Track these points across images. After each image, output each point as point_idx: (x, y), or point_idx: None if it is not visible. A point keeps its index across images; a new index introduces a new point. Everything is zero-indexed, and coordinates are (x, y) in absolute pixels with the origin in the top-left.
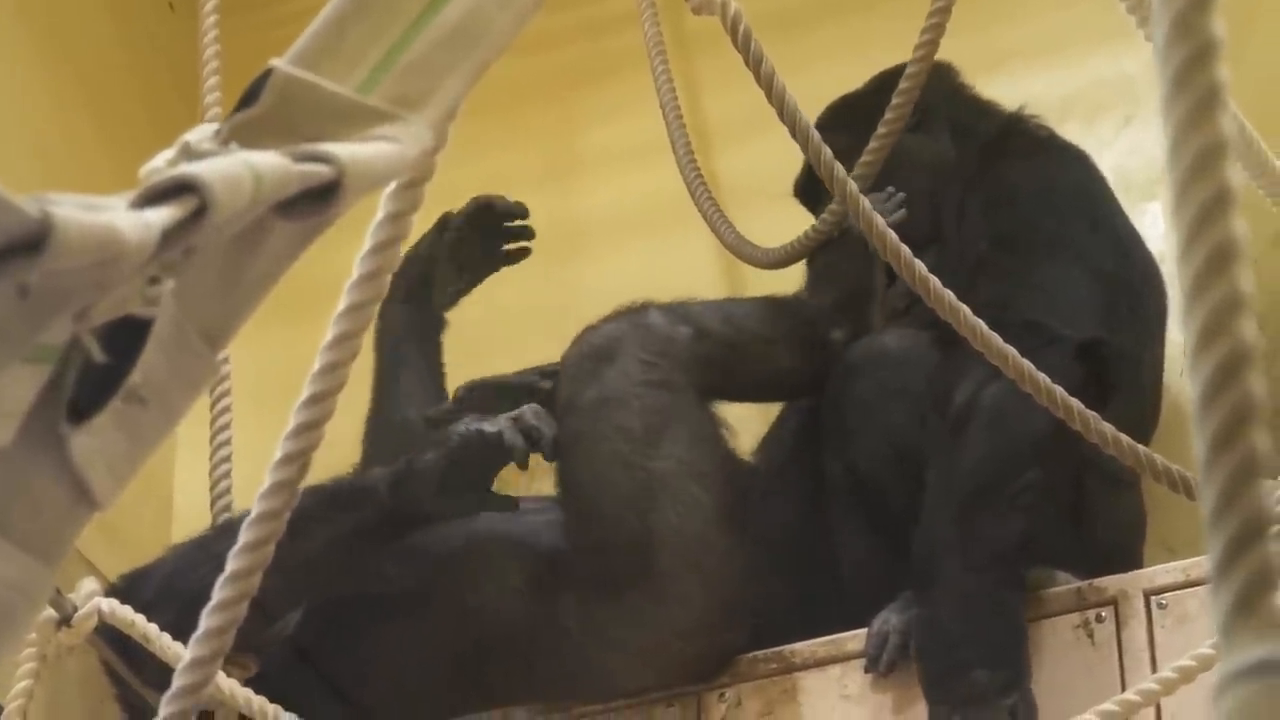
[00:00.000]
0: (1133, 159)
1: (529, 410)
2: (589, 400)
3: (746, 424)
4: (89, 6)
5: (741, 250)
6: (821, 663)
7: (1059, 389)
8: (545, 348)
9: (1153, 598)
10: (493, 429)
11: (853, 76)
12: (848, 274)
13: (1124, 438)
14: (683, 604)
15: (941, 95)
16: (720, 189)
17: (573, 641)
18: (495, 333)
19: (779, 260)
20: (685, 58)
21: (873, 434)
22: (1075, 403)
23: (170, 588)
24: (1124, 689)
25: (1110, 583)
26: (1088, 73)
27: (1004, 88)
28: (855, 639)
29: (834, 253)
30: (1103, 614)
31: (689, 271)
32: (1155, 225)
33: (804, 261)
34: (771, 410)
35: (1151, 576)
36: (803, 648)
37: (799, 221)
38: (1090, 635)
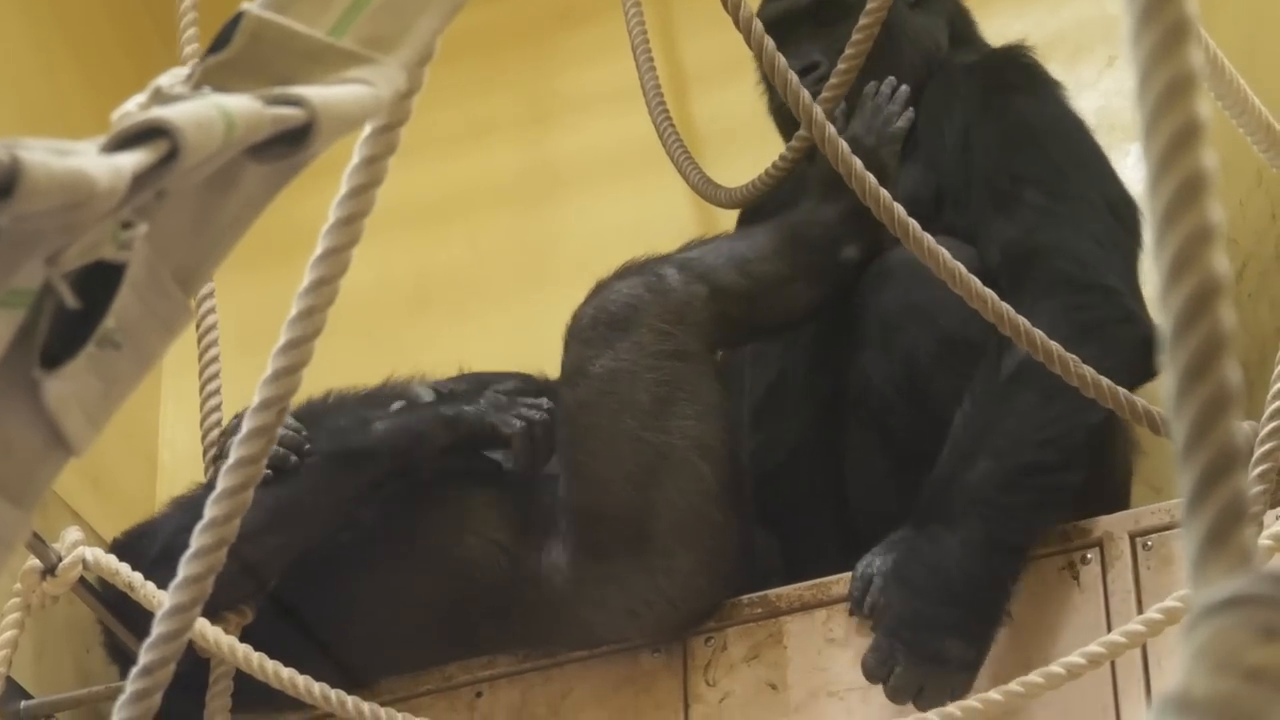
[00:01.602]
0: (1116, 100)
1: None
2: (600, 370)
3: None
4: None
5: (706, 191)
6: (807, 606)
7: (1039, 333)
8: (523, 289)
9: (1138, 539)
10: (505, 428)
11: None
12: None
13: (1104, 380)
14: (675, 575)
15: None
16: (699, 133)
17: (558, 595)
18: (475, 274)
19: (743, 199)
20: (664, 2)
21: (893, 354)
22: (1055, 347)
23: (174, 545)
24: (1109, 630)
25: (1096, 524)
26: (1071, 13)
27: (987, 28)
28: (840, 583)
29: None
30: (1088, 555)
31: (664, 213)
32: (1138, 167)
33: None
34: None
35: (1137, 518)
36: (788, 591)
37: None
38: (1076, 576)
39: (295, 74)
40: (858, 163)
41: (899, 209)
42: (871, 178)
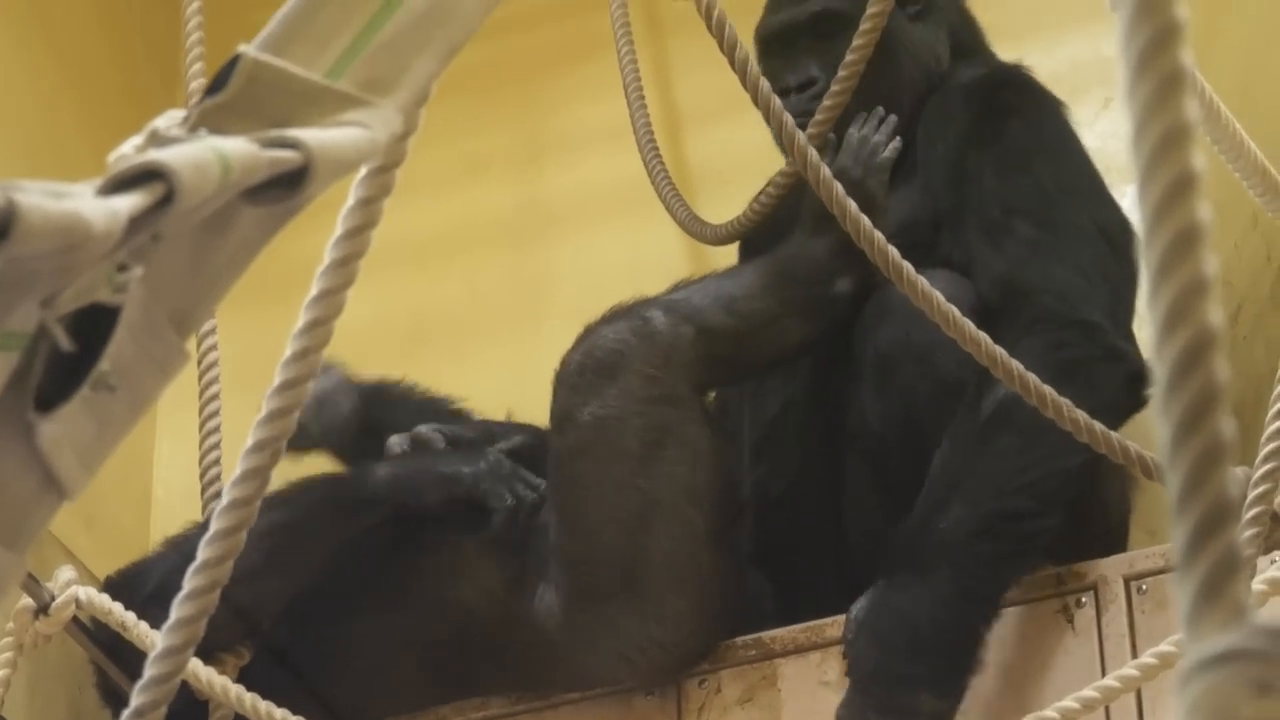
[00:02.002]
0: (1112, 142)
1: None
2: (588, 418)
3: None
4: None
5: (693, 228)
6: (801, 649)
7: (1032, 377)
8: (518, 326)
9: (1133, 582)
10: (494, 501)
11: None
12: None
13: (1097, 425)
14: (667, 620)
15: None
16: (694, 171)
17: (551, 640)
18: (470, 312)
19: (729, 235)
20: (657, 41)
21: (890, 394)
22: (1049, 391)
23: (166, 585)
24: (1104, 674)
25: (1090, 567)
26: (1066, 55)
27: None
28: (834, 625)
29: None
30: (1083, 599)
31: (658, 252)
32: (1133, 211)
33: None
34: None
35: (1131, 561)
36: (783, 634)
37: None
38: (1070, 620)
39: (292, 117)
40: (852, 205)
41: (893, 251)
42: (866, 220)
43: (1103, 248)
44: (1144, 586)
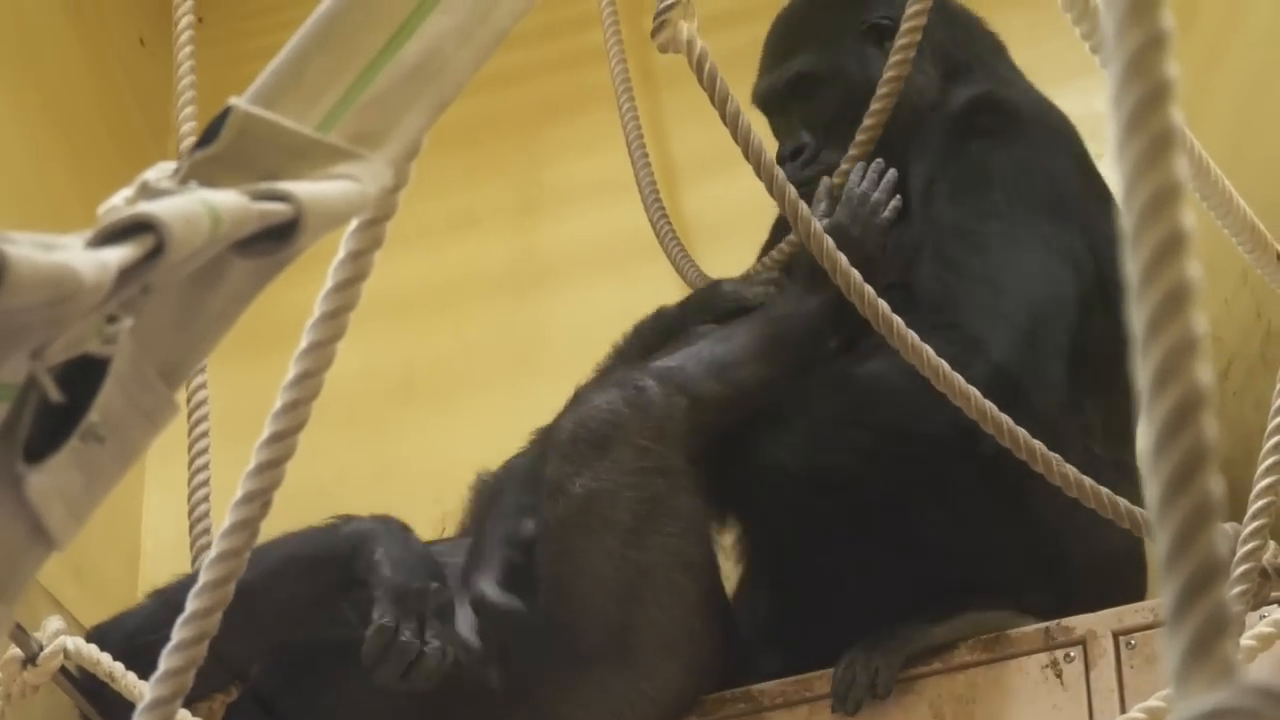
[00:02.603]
0: None
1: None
2: (580, 490)
3: None
4: (61, 40)
5: (690, 280)
6: (790, 702)
7: (1021, 432)
8: (509, 380)
9: (1121, 637)
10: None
11: None
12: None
13: (1086, 480)
14: (657, 680)
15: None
16: (688, 225)
17: (537, 699)
18: (461, 365)
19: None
20: (652, 93)
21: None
22: (1039, 446)
23: (150, 636)
24: None
25: (1078, 622)
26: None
27: None
28: (822, 679)
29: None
30: (1071, 654)
31: (651, 305)
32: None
33: None
34: None
35: (1120, 616)
36: (771, 687)
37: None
38: (1059, 675)
39: (282, 169)
40: (842, 259)
41: (883, 305)
42: (857, 275)
43: (1039, 271)
44: (1132, 641)
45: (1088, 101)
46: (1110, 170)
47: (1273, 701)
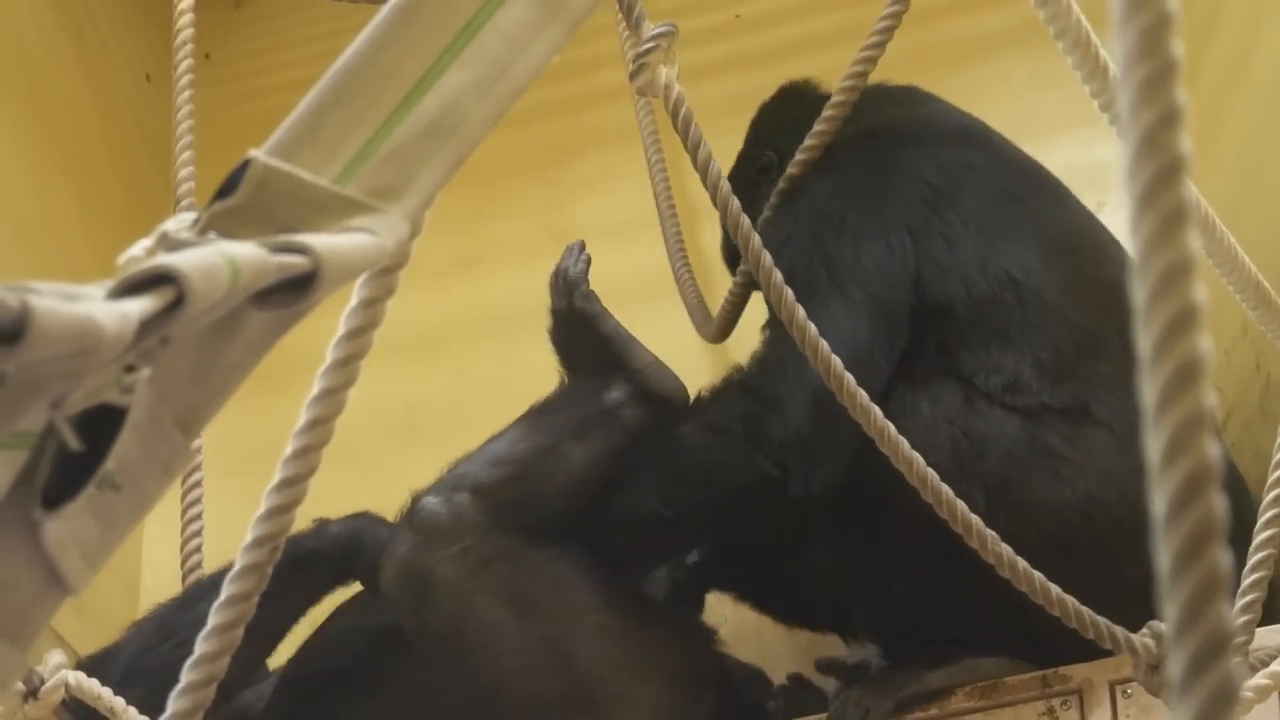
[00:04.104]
0: None
1: None
2: (441, 628)
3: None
4: (67, 76)
5: (696, 321)
6: None
7: (990, 533)
8: (509, 422)
9: (1117, 686)
10: None
11: None
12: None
13: (1070, 600)
14: (642, 709)
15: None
16: (705, 266)
17: None
18: (465, 408)
19: (717, 332)
20: (669, 132)
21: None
22: (1022, 564)
23: (135, 668)
24: None
25: (1075, 671)
26: (1060, 158)
27: None
28: None
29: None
30: (1068, 701)
31: (670, 347)
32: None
33: None
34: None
35: (1116, 665)
36: None
37: None
38: None
39: (300, 222)
40: (789, 293)
41: (836, 360)
42: (800, 311)
43: (849, 330)
44: (1129, 690)
45: (1090, 150)
46: (1114, 224)
47: None
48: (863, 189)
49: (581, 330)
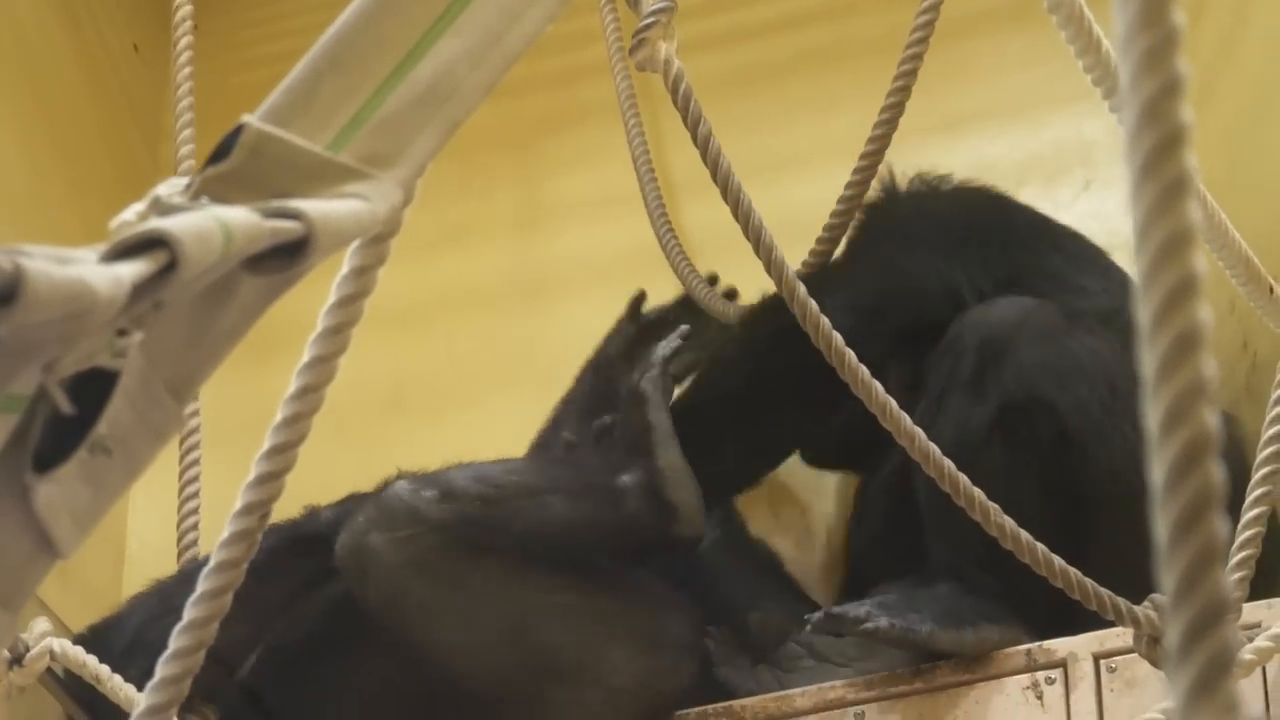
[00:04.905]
0: (1092, 223)
1: None
2: (376, 603)
3: None
4: (55, 46)
5: (713, 305)
6: (772, 718)
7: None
8: (503, 396)
9: (1102, 661)
10: None
11: (816, 134)
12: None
13: (1073, 572)
14: (618, 672)
15: None
16: (689, 240)
17: (517, 713)
18: (453, 381)
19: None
20: (653, 109)
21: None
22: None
23: (140, 639)
24: None
25: (1060, 644)
26: (1047, 136)
27: (962, 150)
28: (805, 695)
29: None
30: (1052, 676)
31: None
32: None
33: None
34: None
35: (1101, 639)
36: (753, 702)
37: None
38: (1039, 697)
39: (293, 187)
40: (788, 269)
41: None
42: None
43: None
44: (1113, 665)
45: (1078, 128)
46: (1101, 202)
47: None
48: None
49: (633, 405)
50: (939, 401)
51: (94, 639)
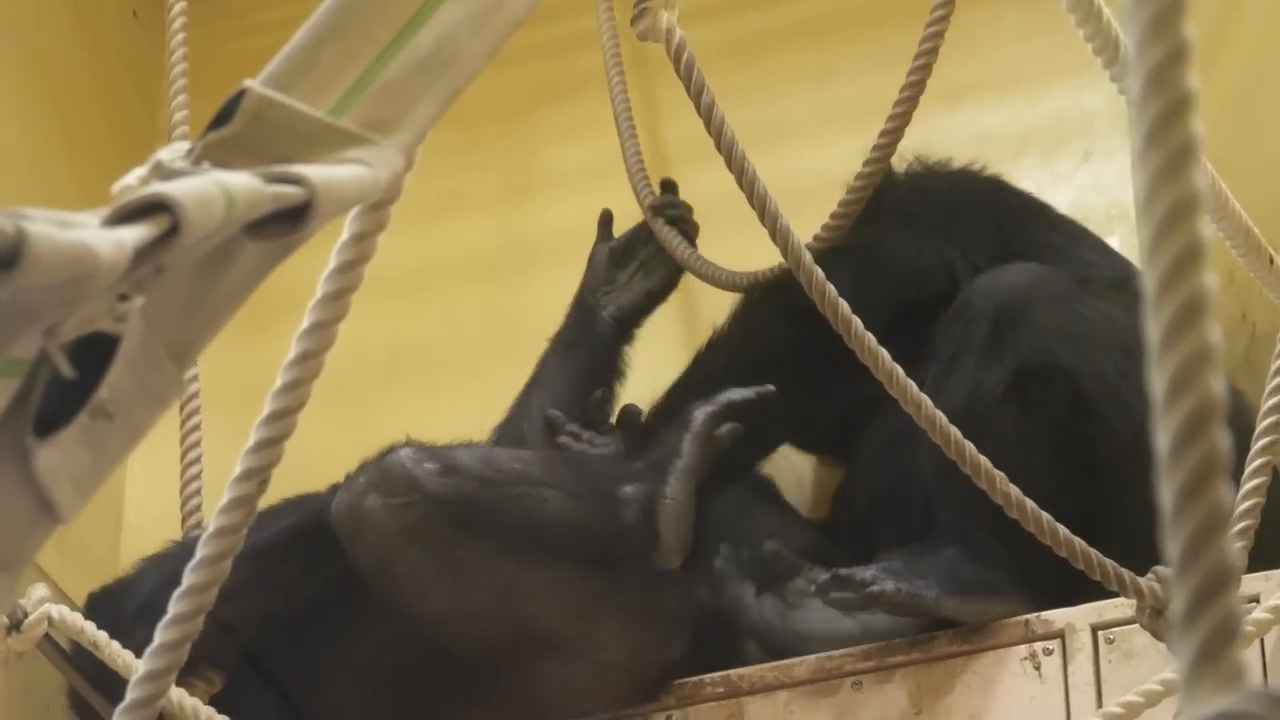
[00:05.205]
0: (1091, 195)
1: None
2: (366, 566)
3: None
4: (52, 10)
5: (704, 271)
6: (769, 687)
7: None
8: (497, 365)
9: (1100, 632)
10: None
11: (816, 103)
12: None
13: (1077, 542)
14: (605, 647)
15: None
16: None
17: (508, 681)
18: (447, 349)
19: (743, 284)
20: (647, 79)
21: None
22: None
23: (153, 603)
24: None
25: (1058, 616)
26: (1047, 107)
27: (961, 121)
28: (803, 665)
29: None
30: (1050, 646)
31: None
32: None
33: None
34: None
35: (1099, 610)
36: (750, 672)
37: (763, 244)
38: (1037, 668)
39: (295, 153)
40: (794, 237)
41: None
42: (844, 305)
43: None
44: (1111, 636)
45: (1078, 99)
46: (1101, 174)
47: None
48: None
49: (679, 425)
50: (950, 366)
51: (105, 600)
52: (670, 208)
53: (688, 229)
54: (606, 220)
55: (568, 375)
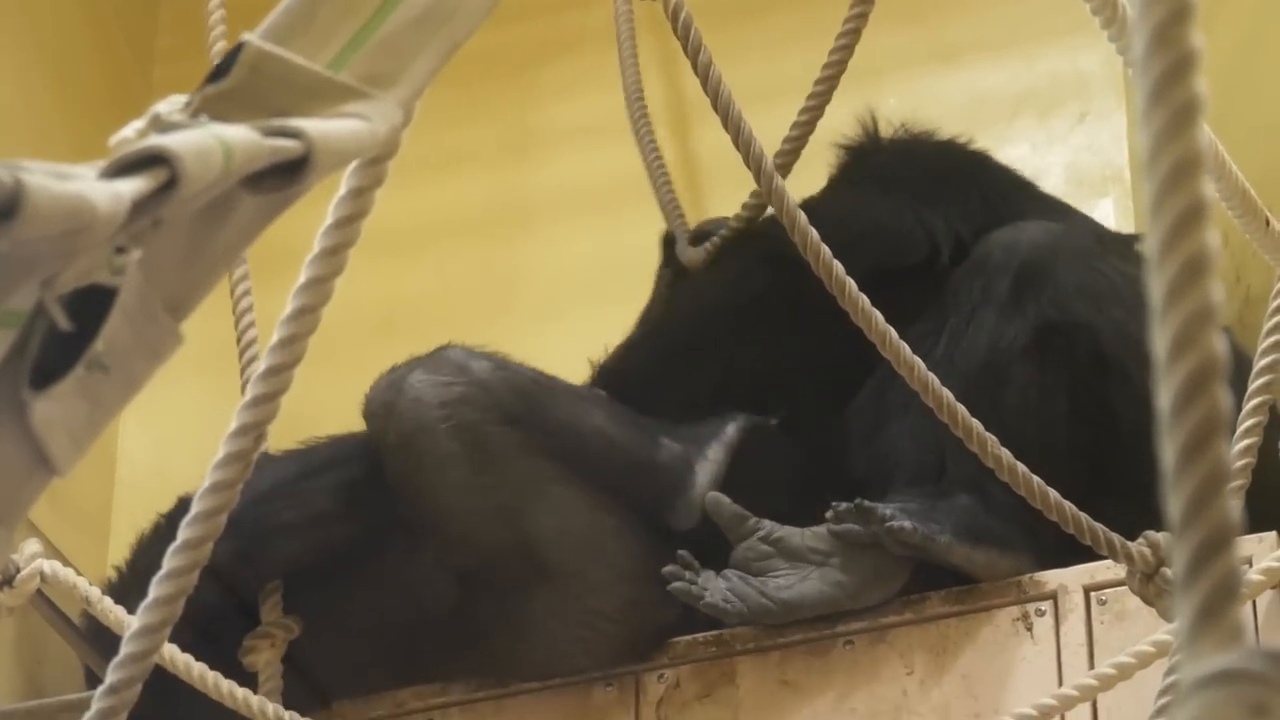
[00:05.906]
0: (1087, 156)
1: None
2: (395, 440)
3: None
4: None
5: (672, 224)
6: (762, 648)
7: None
8: (493, 323)
9: (1093, 593)
10: None
11: (811, 64)
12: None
13: (1068, 506)
14: (598, 592)
15: None
16: (702, 164)
17: (499, 630)
18: (442, 304)
19: (703, 260)
20: (658, 36)
21: None
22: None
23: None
24: (1061, 684)
25: (1050, 577)
26: (1045, 67)
27: (957, 82)
28: (794, 626)
29: None
30: (1042, 607)
31: (633, 249)
32: (1107, 222)
33: None
34: None
35: (1092, 572)
36: (743, 632)
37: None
38: (1030, 628)
39: (293, 106)
40: (813, 233)
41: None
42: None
43: None
44: (1103, 597)
45: (1074, 60)
46: (1097, 135)
47: None
48: None
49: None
50: (970, 318)
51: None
52: None
53: None
54: (670, 241)
55: None
